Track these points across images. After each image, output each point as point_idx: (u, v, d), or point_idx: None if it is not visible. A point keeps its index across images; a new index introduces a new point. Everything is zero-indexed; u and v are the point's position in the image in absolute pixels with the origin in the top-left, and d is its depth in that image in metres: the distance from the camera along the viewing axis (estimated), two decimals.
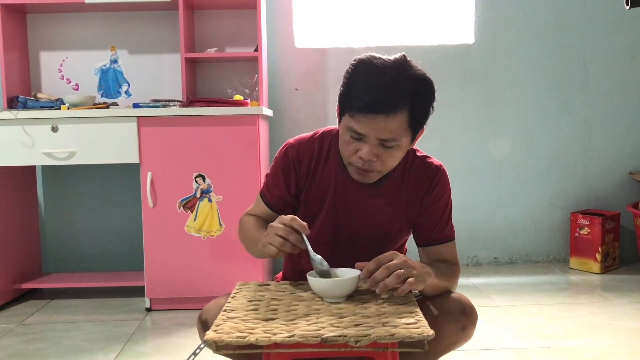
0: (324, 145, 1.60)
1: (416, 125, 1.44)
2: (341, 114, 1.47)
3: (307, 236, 1.41)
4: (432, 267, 1.47)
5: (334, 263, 1.47)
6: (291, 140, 1.64)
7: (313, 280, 1.37)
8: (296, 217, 1.41)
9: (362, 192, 1.56)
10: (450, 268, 1.58)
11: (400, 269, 1.33)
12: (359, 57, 1.45)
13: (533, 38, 3.47)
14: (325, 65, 3.43)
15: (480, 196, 3.53)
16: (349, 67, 1.45)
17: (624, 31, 3.49)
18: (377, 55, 1.43)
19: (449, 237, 1.62)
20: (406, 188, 1.59)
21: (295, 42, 3.44)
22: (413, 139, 1.47)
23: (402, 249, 1.68)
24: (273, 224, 1.41)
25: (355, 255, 1.48)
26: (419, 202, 1.59)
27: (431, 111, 1.46)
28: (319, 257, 1.41)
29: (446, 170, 1.62)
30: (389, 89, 1.38)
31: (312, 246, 1.42)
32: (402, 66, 1.41)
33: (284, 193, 1.62)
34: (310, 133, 1.64)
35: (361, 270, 1.36)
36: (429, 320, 1.26)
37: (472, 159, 3.52)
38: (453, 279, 1.58)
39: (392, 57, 1.43)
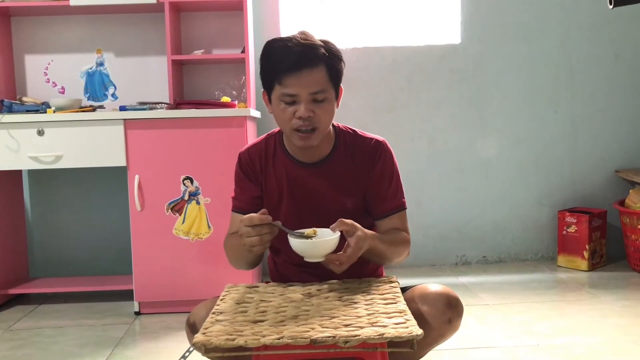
0: (270, 143, 1.73)
1: (335, 80, 1.58)
2: (269, 92, 1.64)
3: (275, 221, 1.47)
4: (377, 234, 1.57)
5: None
6: (242, 150, 1.78)
7: (294, 240, 1.43)
8: (252, 214, 1.46)
9: (312, 175, 1.66)
10: (398, 234, 1.65)
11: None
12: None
13: (519, 37, 3.49)
14: None
15: (468, 195, 3.54)
16: (262, 51, 1.66)
17: (608, 30, 3.51)
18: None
19: (399, 207, 1.69)
20: (352, 165, 1.68)
21: None
22: (336, 97, 1.61)
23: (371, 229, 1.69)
24: (241, 231, 1.47)
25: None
26: (366, 176, 1.67)
27: (343, 69, 1.60)
28: (297, 232, 1.48)
29: (388, 144, 1.71)
30: (304, 47, 1.54)
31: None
32: (305, 34, 1.59)
33: (254, 193, 1.71)
34: (259, 138, 1.78)
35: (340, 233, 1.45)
36: (414, 314, 1.27)
37: (460, 159, 3.53)
38: (400, 245, 1.64)
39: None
